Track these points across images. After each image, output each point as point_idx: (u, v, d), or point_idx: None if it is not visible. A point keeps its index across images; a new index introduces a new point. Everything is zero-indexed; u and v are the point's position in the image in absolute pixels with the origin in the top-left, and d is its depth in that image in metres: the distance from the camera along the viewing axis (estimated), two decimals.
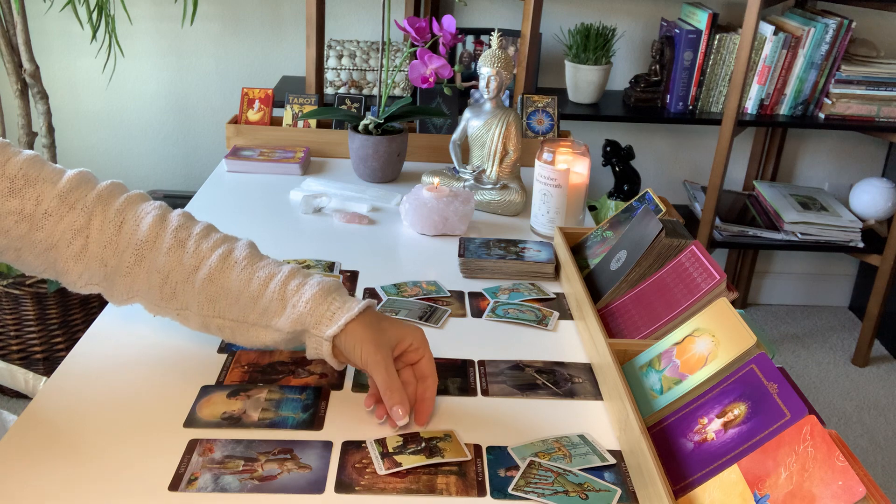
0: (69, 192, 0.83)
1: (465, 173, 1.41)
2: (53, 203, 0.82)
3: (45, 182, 0.83)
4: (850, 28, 2.22)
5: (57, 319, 2.09)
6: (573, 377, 0.93)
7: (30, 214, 0.82)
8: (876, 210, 2.46)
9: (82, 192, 0.84)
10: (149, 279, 0.85)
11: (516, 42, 2.35)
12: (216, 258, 0.85)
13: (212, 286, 0.84)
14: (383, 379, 0.80)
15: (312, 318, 0.82)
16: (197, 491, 0.72)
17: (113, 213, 0.85)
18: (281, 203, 1.40)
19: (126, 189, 0.89)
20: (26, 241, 0.82)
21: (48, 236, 0.83)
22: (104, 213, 0.84)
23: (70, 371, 0.89)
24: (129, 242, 0.84)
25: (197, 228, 0.88)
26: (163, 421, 0.81)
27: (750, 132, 2.64)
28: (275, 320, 0.83)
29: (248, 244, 0.89)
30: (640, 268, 1.00)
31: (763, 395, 0.70)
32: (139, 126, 2.60)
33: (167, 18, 2.44)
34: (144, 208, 0.87)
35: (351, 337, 0.81)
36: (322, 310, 0.82)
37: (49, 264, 0.85)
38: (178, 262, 0.84)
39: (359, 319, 0.82)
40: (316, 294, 0.82)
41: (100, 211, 0.84)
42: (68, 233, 0.83)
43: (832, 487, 0.58)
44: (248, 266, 0.85)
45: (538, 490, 0.73)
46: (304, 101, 1.67)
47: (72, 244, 0.83)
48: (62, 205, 0.83)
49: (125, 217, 0.85)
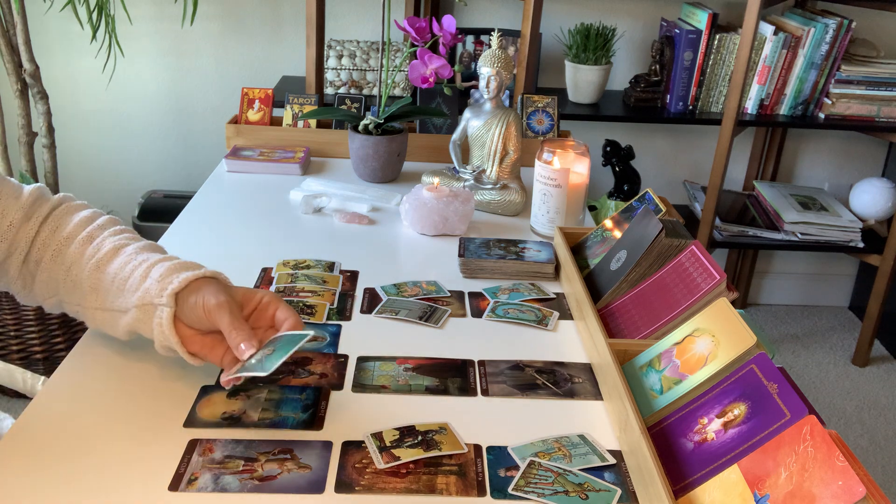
0: (30, 205, 0.89)
1: (465, 173, 1.41)
2: (18, 215, 0.88)
3: (8, 197, 0.88)
4: (850, 28, 2.22)
5: (57, 319, 2.09)
6: (573, 377, 0.93)
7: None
8: (876, 210, 2.46)
9: (39, 205, 0.90)
10: (56, 272, 0.88)
11: (516, 42, 2.35)
12: (109, 248, 0.86)
13: (96, 273, 0.85)
14: (227, 321, 0.78)
15: (159, 285, 0.81)
16: (197, 491, 0.72)
17: (51, 219, 0.90)
18: (281, 203, 1.40)
19: (74, 199, 0.94)
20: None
21: (8, 246, 0.88)
22: (48, 221, 0.89)
23: (70, 371, 0.89)
24: (53, 240, 0.88)
25: (113, 228, 0.90)
26: (163, 421, 0.81)
27: (750, 132, 2.64)
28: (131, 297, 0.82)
29: (150, 244, 0.89)
30: (640, 268, 1.00)
31: (763, 395, 0.70)
32: (139, 126, 2.60)
33: (167, 18, 2.44)
34: (79, 213, 0.91)
35: (193, 294, 0.80)
36: (170, 279, 0.81)
37: (3, 272, 0.90)
38: (80, 255, 0.87)
39: (202, 280, 0.81)
40: (170, 267, 0.82)
41: (46, 220, 0.89)
42: (22, 241, 0.88)
43: (832, 487, 0.58)
44: (133, 255, 0.85)
45: (538, 490, 0.73)
46: (304, 101, 1.67)
47: (23, 251, 0.88)
48: (23, 217, 0.88)
49: (60, 221, 0.90)
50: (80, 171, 2.61)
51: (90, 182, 2.62)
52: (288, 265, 1.15)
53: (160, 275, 0.82)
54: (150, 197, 2.45)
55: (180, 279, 0.80)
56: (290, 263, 1.16)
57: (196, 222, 1.31)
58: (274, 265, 1.16)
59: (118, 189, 2.64)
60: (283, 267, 1.15)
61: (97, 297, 0.85)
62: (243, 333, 0.78)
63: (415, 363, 0.93)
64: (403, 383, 0.89)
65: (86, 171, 2.62)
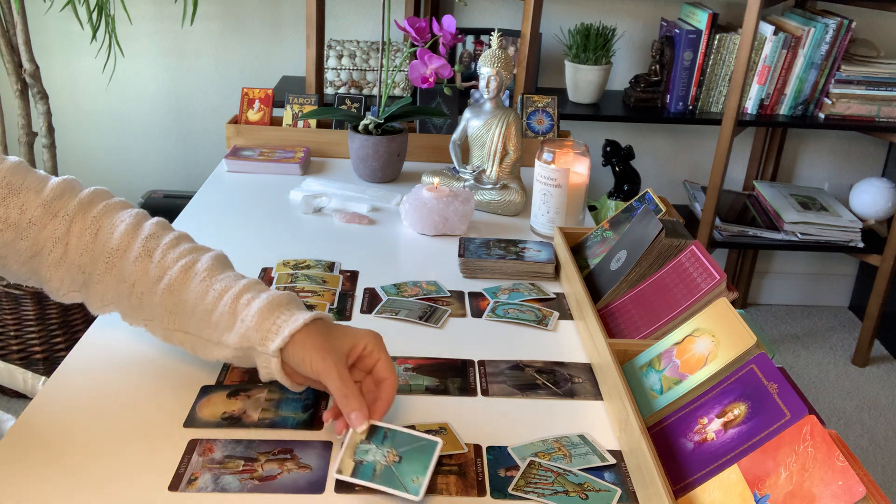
0: (53, 200, 0.84)
1: (465, 173, 1.41)
2: (38, 212, 0.83)
3: (28, 191, 0.83)
4: (850, 28, 2.22)
5: (57, 319, 2.09)
6: (573, 377, 0.93)
7: (14, 223, 0.82)
8: (876, 210, 2.46)
9: (65, 201, 0.85)
10: (118, 288, 0.84)
11: (516, 42, 2.35)
12: (178, 269, 0.82)
13: (171, 298, 0.82)
14: (337, 386, 0.76)
15: (258, 333, 0.78)
16: (197, 491, 0.71)
17: (90, 221, 0.85)
18: (281, 203, 1.40)
19: (109, 196, 0.89)
20: (11, 248, 0.83)
21: (32, 244, 0.83)
22: (83, 221, 0.85)
23: (70, 371, 0.89)
24: (103, 250, 0.84)
25: (167, 238, 0.85)
26: (163, 421, 0.81)
27: (750, 132, 2.64)
28: (225, 336, 0.80)
29: (213, 256, 0.85)
30: (640, 268, 1.00)
31: (763, 395, 0.70)
32: (139, 126, 2.60)
33: (167, 18, 2.44)
34: (121, 216, 0.86)
35: (299, 348, 0.77)
36: (268, 324, 0.78)
37: (32, 272, 0.85)
38: (143, 272, 0.83)
39: (305, 330, 0.77)
40: (263, 308, 0.79)
41: (79, 218, 0.85)
42: (50, 241, 0.83)
43: (832, 487, 0.58)
44: (206, 278, 0.82)
45: (538, 490, 0.73)
46: (304, 101, 1.67)
47: (53, 252, 0.84)
48: (46, 213, 0.83)
49: (101, 224, 0.85)
50: (80, 171, 2.60)
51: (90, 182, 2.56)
52: (288, 265, 1.15)
53: (256, 320, 0.78)
54: (150, 197, 2.45)
55: (284, 335, 0.77)
56: (290, 263, 1.16)
57: (196, 222, 1.31)
58: (274, 265, 1.16)
59: (118, 189, 2.62)
60: (283, 267, 1.15)
61: (176, 319, 0.82)
62: (354, 401, 0.75)
63: (415, 363, 0.93)
64: (403, 383, 0.89)
65: (86, 171, 2.62)
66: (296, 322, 0.77)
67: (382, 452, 0.74)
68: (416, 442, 0.74)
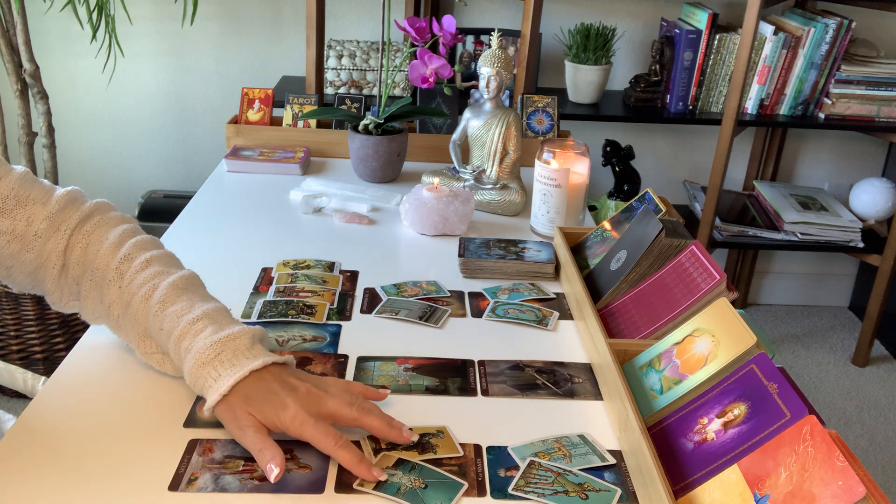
0: (57, 213, 0.85)
1: (465, 173, 1.41)
2: (43, 224, 0.84)
3: (35, 203, 0.85)
4: (850, 28, 2.22)
5: (57, 319, 2.09)
6: (573, 377, 0.93)
7: (21, 234, 0.84)
8: (876, 210, 2.46)
9: (68, 213, 0.86)
10: (99, 308, 0.87)
11: (516, 42, 2.35)
12: (139, 298, 0.83)
13: (138, 326, 0.84)
14: (249, 445, 0.74)
15: (196, 386, 0.78)
16: (197, 491, 0.71)
17: (82, 235, 0.86)
18: (281, 203, 1.40)
19: (108, 210, 0.90)
20: (17, 259, 0.85)
21: (37, 257, 0.85)
22: (78, 234, 0.86)
23: (70, 371, 0.89)
24: (88, 266, 0.86)
25: (138, 261, 0.85)
26: (163, 421, 0.81)
27: (750, 132, 2.64)
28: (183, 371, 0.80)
29: (170, 284, 0.83)
30: (640, 268, 1.00)
31: (763, 395, 0.70)
32: (139, 126, 2.60)
33: (167, 18, 2.44)
34: (110, 234, 0.87)
35: (222, 411, 0.76)
36: (200, 383, 0.77)
37: (37, 283, 0.88)
38: (117, 296, 0.85)
39: (225, 401, 0.76)
40: (192, 368, 0.77)
41: (77, 232, 0.87)
42: (53, 254, 0.85)
43: (832, 487, 0.58)
44: (158, 313, 0.81)
45: (538, 490, 0.73)
46: (304, 101, 1.67)
47: (55, 264, 0.86)
48: (50, 226, 0.85)
49: (90, 240, 0.86)
50: (80, 171, 2.61)
51: (90, 182, 2.62)
52: (288, 265, 1.15)
53: (190, 377, 0.78)
54: (150, 197, 2.45)
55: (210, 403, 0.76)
56: (290, 263, 1.16)
57: (196, 222, 1.31)
58: (274, 265, 1.16)
59: (118, 189, 2.64)
60: (283, 267, 1.15)
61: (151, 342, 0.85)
62: (267, 454, 0.73)
63: (415, 363, 0.93)
64: (403, 383, 0.89)
65: (86, 171, 2.62)
66: (217, 391, 0.75)
67: (409, 479, 0.74)
68: (442, 478, 0.74)
